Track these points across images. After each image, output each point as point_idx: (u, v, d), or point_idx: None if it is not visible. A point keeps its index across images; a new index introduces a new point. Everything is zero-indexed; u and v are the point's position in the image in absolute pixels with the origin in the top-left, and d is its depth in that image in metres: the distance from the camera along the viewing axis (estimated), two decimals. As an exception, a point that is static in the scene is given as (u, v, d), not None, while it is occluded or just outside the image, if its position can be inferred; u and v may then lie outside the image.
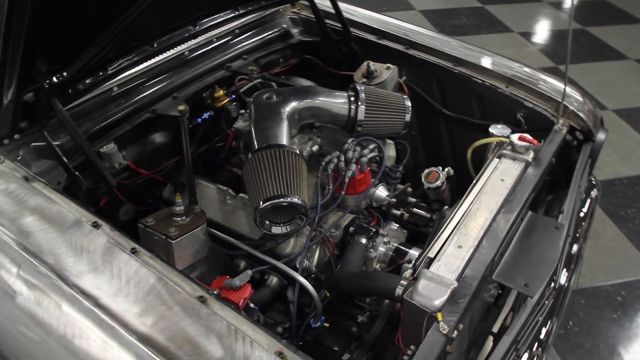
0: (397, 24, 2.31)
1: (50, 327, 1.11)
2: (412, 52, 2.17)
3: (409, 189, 2.00)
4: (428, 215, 1.91)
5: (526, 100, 1.94)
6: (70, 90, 1.47)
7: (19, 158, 1.53)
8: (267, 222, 1.50)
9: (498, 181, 1.58)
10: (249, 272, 1.45)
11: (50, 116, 1.46)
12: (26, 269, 1.20)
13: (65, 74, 1.38)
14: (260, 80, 2.09)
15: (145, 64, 1.85)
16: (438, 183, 1.85)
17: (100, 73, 1.58)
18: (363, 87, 1.82)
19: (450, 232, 1.42)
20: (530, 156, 1.66)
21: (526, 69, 2.06)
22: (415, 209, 1.93)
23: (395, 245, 1.71)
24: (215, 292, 1.27)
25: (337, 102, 1.79)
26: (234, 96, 2.06)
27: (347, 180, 1.65)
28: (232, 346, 1.06)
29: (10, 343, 1.13)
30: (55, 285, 1.16)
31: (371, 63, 2.12)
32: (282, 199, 1.44)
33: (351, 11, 2.41)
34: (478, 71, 2.05)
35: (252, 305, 1.48)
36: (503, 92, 1.99)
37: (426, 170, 1.88)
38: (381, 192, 1.80)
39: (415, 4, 5.80)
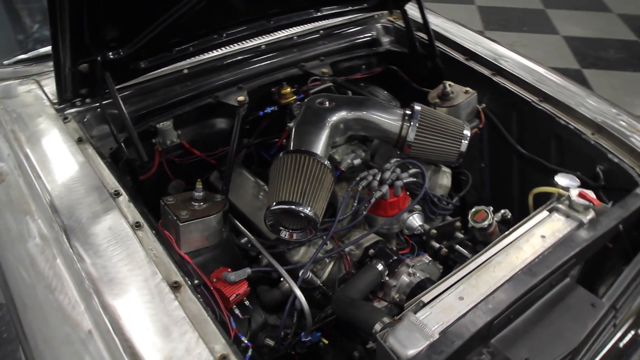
0: (489, 46, 2.14)
1: (42, 275, 1.22)
2: (497, 79, 2.00)
3: (458, 223, 1.85)
4: (470, 255, 1.76)
5: (611, 152, 1.69)
6: (130, 67, 1.59)
7: (85, 120, 1.69)
8: (279, 226, 1.49)
9: (537, 237, 1.41)
10: (248, 270, 1.45)
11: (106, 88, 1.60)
12: (44, 219, 1.33)
13: (121, 52, 1.49)
14: (331, 84, 2.08)
15: (219, 52, 1.94)
16: (484, 224, 1.70)
17: (166, 54, 1.68)
18: (420, 108, 1.72)
19: (457, 280, 1.29)
20: (587, 217, 1.45)
21: (623, 118, 1.79)
22: (457, 246, 1.79)
23: (421, 278, 1.61)
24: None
25: (389, 118, 1.71)
26: (302, 95, 2.07)
27: (372, 200, 1.57)
28: (179, 337, 1.08)
29: (10, 281, 1.27)
30: (59, 240, 1.27)
31: (448, 84, 1.99)
32: (293, 206, 1.42)
33: (446, 27, 2.29)
34: (564, 111, 1.83)
35: (247, 302, 1.49)
36: (587, 139, 1.75)
37: (474, 208, 1.73)
38: (415, 220, 1.69)
39: (560, 28, 5.33)
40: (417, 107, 1.72)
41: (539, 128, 1.88)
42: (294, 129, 1.65)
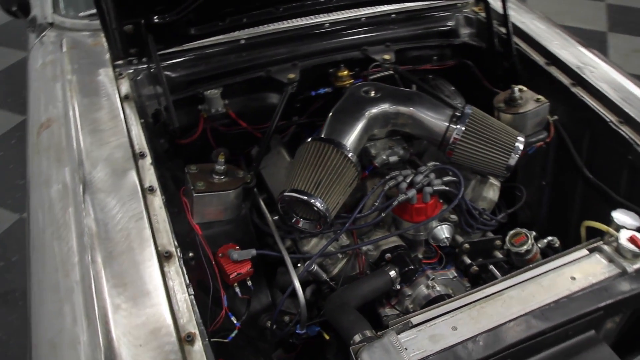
0: (576, 52, 1.89)
1: (53, 221, 1.29)
2: (576, 90, 1.77)
3: (498, 242, 1.70)
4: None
5: (691, 195, 1.44)
6: (179, 32, 1.60)
7: (138, 78, 1.75)
8: (292, 212, 1.45)
9: (566, 277, 1.24)
10: (253, 251, 1.44)
11: (160, 48, 1.63)
12: (70, 169, 1.40)
13: (167, 17, 1.50)
14: (391, 72, 1.96)
15: (280, 25, 1.90)
16: (521, 249, 1.54)
17: (218, 23, 1.67)
18: (471, 111, 1.57)
19: (457, 307, 1.18)
20: (635, 266, 1.25)
21: None
22: (491, 267, 1.65)
23: (440, 293, 1.51)
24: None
25: (436, 117, 1.59)
26: (361, 80, 1.98)
27: (394, 203, 1.48)
28: (150, 307, 1.09)
29: (30, 221, 1.35)
30: (75, 191, 1.33)
31: (518, 88, 1.81)
32: (305, 197, 1.37)
33: (533, 25, 2.05)
34: (646, 138, 1.58)
35: (249, 283, 1.48)
36: (665, 175, 1.50)
37: (515, 230, 1.57)
38: (442, 230, 1.57)
39: None
40: (468, 110, 1.57)
41: (612, 153, 1.65)
42: (330, 116, 1.58)
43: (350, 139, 1.51)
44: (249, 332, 1.57)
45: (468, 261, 1.64)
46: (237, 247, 1.47)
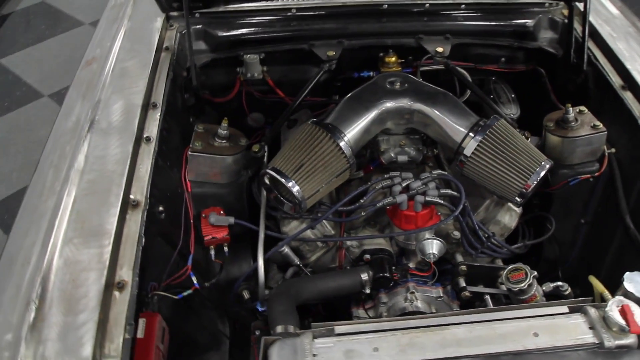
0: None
1: (57, 149, 1.39)
2: (645, 124, 1.51)
3: (502, 272, 1.54)
4: (493, 312, 1.47)
5: None
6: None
7: (184, 32, 1.81)
8: (274, 188, 1.43)
9: (529, 331, 1.09)
10: (231, 219, 1.46)
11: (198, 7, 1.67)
12: (87, 107, 1.50)
13: None
14: (442, 67, 1.82)
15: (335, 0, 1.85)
16: (515, 287, 1.38)
17: None
18: (496, 123, 1.41)
19: (390, 328, 1.10)
20: (617, 341, 1.06)
21: None
22: (487, 297, 1.51)
23: (418, 308, 1.42)
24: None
25: (456, 122, 1.46)
26: (410, 69, 1.87)
27: (379, 204, 1.39)
28: (94, 247, 1.15)
29: (46, 145, 1.47)
30: (83, 127, 1.43)
31: (578, 110, 1.60)
32: (282, 179, 1.35)
33: (626, 41, 1.75)
34: None
35: (225, 249, 1.51)
36: None
37: (516, 264, 1.41)
38: (429, 245, 1.44)
39: None
40: (492, 122, 1.42)
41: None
42: (342, 100, 1.52)
43: (354, 129, 1.44)
44: (224, 296, 1.60)
45: (462, 284, 1.52)
46: (222, 212, 1.49)
